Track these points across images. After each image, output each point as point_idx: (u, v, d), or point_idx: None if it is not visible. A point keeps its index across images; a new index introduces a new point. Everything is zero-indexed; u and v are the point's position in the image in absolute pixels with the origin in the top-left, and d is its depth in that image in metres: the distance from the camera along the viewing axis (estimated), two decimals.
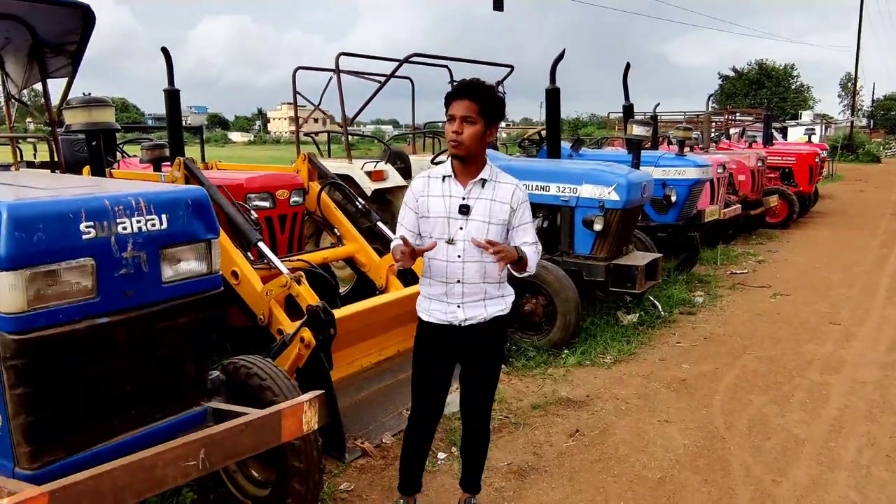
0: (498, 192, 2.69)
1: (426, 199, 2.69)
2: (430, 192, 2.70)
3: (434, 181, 2.71)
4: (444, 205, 2.66)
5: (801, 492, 3.28)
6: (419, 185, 2.74)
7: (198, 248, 2.22)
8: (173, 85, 5.11)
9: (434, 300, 2.76)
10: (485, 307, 2.72)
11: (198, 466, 1.99)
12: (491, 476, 3.46)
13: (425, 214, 2.69)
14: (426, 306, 2.80)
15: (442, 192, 2.68)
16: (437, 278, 2.72)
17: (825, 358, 5.21)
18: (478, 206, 2.65)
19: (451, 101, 2.61)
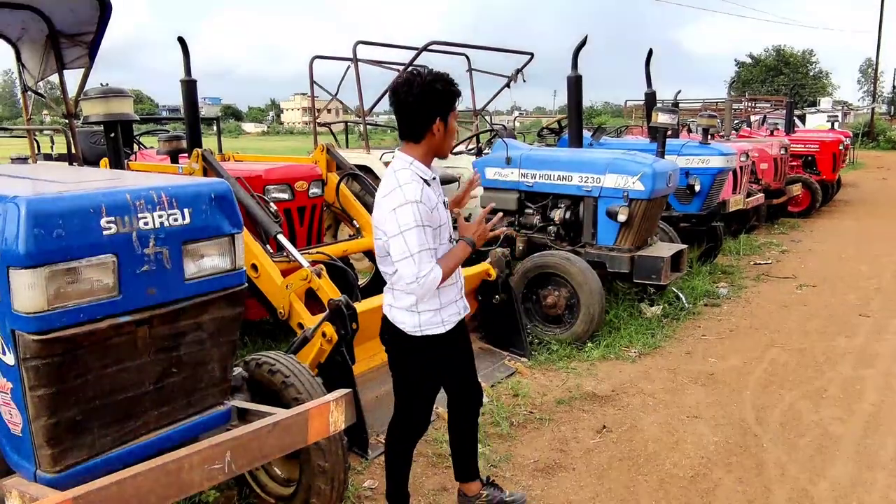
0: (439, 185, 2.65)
1: (436, 208, 2.49)
2: (436, 201, 2.52)
3: (426, 188, 2.47)
4: (445, 209, 2.59)
5: (841, 492, 3.18)
6: (429, 195, 2.46)
7: (221, 242, 2.15)
8: (190, 75, 5.05)
9: (449, 305, 2.65)
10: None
11: (224, 469, 1.93)
12: (517, 474, 3.38)
13: (439, 224, 2.51)
14: (440, 318, 2.60)
15: (437, 197, 2.54)
16: (450, 282, 2.62)
17: (857, 351, 5.07)
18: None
19: (451, 110, 2.48)
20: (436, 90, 2.40)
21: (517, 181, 5.91)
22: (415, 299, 2.52)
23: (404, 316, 2.58)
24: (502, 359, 4.84)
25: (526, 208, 6.00)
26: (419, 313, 2.55)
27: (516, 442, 3.72)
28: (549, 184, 5.75)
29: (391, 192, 2.41)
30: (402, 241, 2.36)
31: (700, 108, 14.98)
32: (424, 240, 2.38)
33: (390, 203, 2.39)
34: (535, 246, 5.79)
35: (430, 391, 2.79)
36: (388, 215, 2.40)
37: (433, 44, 5.86)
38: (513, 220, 6.05)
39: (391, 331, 2.64)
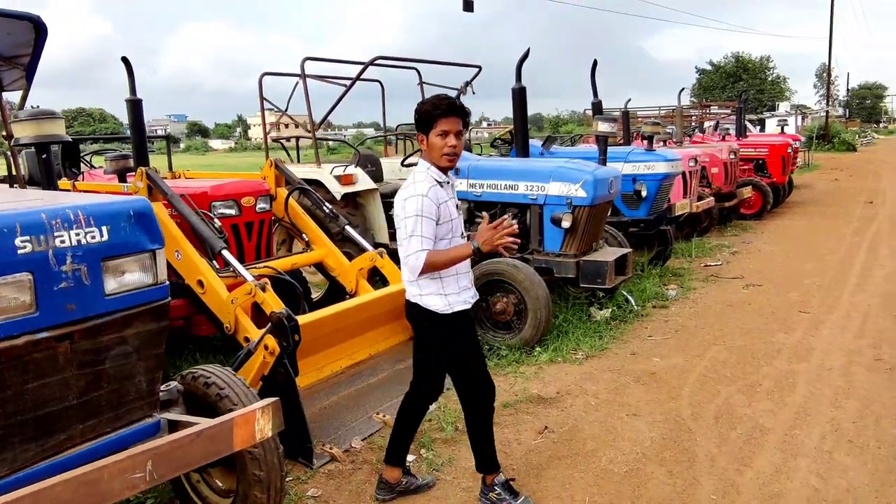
0: (452, 189, 3.08)
1: (445, 204, 2.90)
2: (444, 199, 2.91)
3: (440, 189, 2.89)
4: (454, 207, 3.01)
5: (764, 480, 3.32)
6: (438, 193, 2.87)
7: (142, 259, 2.21)
8: (135, 94, 5.08)
9: (463, 292, 3.04)
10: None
11: (145, 478, 1.98)
12: (459, 476, 3.47)
13: (447, 219, 2.90)
14: (462, 298, 3.01)
15: (448, 196, 2.95)
16: (462, 270, 3.05)
17: (793, 346, 5.27)
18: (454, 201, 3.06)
19: (442, 118, 2.84)
20: (419, 111, 2.90)
21: (466, 191, 6.04)
22: (441, 283, 2.94)
23: (435, 300, 2.94)
24: None
25: (476, 217, 6.12)
26: (447, 295, 2.96)
27: (460, 445, 3.80)
28: (496, 193, 5.89)
29: (407, 187, 2.89)
30: (403, 225, 2.82)
31: (656, 115, 15.35)
32: (420, 228, 2.78)
33: (403, 195, 2.88)
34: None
35: (457, 362, 3.10)
36: (399, 204, 2.87)
37: (379, 58, 5.97)
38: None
39: (423, 314, 2.98)
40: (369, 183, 6.35)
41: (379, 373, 4.67)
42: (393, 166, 7.06)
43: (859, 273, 7.75)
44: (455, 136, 2.87)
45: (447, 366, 3.13)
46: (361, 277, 4.97)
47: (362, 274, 4.96)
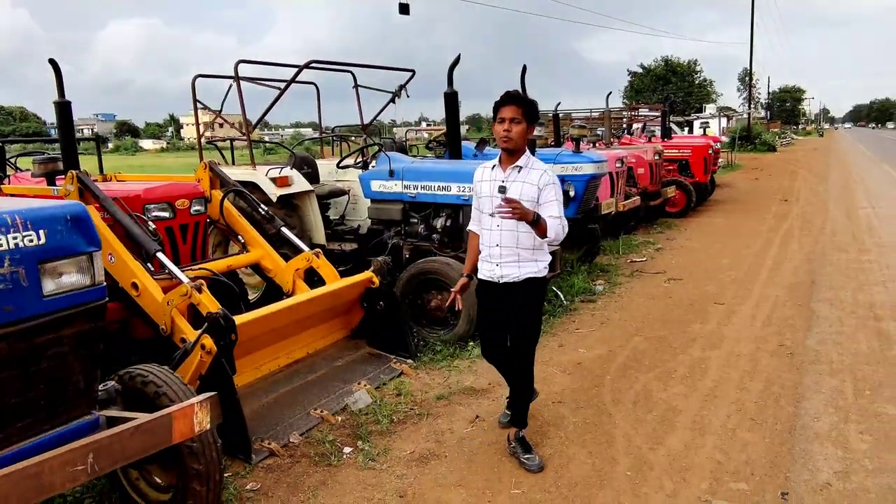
0: (530, 176, 3.39)
1: (479, 183, 3.54)
2: (482, 178, 3.53)
3: (486, 170, 3.53)
4: (489, 187, 3.46)
5: (675, 456, 3.62)
6: (477, 174, 3.59)
7: (79, 261, 2.29)
8: (64, 97, 5.04)
9: (483, 261, 3.55)
10: (518, 268, 3.45)
11: (86, 471, 2.07)
12: (394, 465, 3.63)
13: (478, 195, 3.54)
14: (480, 266, 3.58)
15: (489, 177, 3.48)
16: (485, 243, 3.52)
17: (707, 335, 5.66)
18: (513, 187, 3.38)
19: (500, 107, 3.35)
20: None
21: (401, 192, 6.20)
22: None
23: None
24: (389, 362, 5.08)
25: (410, 218, 6.30)
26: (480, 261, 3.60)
27: (395, 437, 3.98)
28: (430, 194, 6.08)
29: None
30: None
31: (586, 118, 15.86)
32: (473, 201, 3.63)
33: None
34: (421, 253, 6.08)
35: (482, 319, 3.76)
36: None
37: (313, 62, 6.06)
38: (399, 229, 6.33)
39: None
40: (305, 185, 6.44)
41: (317, 370, 4.78)
42: (329, 168, 7.16)
43: (770, 267, 8.30)
44: (510, 122, 3.30)
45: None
46: (298, 278, 5.06)
47: (299, 274, 5.06)
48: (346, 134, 8.67)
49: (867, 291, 6.90)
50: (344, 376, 4.76)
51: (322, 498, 3.33)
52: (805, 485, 3.29)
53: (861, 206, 13.68)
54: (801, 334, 5.59)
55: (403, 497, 3.32)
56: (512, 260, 3.43)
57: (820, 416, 4.03)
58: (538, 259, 3.49)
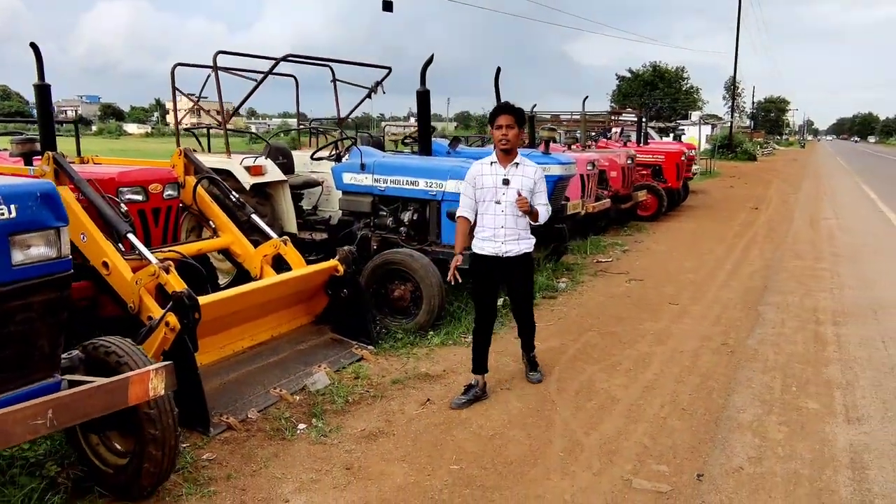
0: (526, 171, 4.35)
1: (480, 177, 4.34)
2: (482, 173, 4.34)
3: (484, 166, 4.37)
4: (492, 180, 4.30)
5: (605, 440, 3.89)
6: (476, 169, 4.39)
7: (47, 234, 2.49)
8: (43, 80, 5.21)
9: (486, 241, 4.36)
10: (518, 244, 4.36)
11: (46, 425, 2.28)
12: (343, 441, 3.86)
13: (481, 187, 4.32)
14: (480, 245, 4.39)
15: (490, 171, 4.33)
16: (489, 226, 4.34)
17: (657, 332, 5.95)
18: (514, 180, 4.29)
19: (496, 117, 4.28)
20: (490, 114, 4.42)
21: (371, 185, 6.43)
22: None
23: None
24: (350, 347, 5.30)
25: (380, 211, 6.53)
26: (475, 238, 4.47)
27: (349, 416, 4.21)
28: (399, 188, 6.31)
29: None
30: None
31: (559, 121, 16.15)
32: (465, 191, 4.43)
33: None
34: (389, 245, 6.31)
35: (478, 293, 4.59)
36: None
37: (290, 56, 6.26)
38: (368, 221, 6.55)
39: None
40: (279, 174, 6.64)
41: (280, 353, 4.99)
42: (304, 159, 7.36)
43: (729, 271, 8.63)
44: (506, 128, 4.20)
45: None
46: (266, 263, 5.26)
47: (266, 260, 5.26)
48: (327, 128, 8.86)
49: (814, 297, 7.23)
50: (305, 359, 4.98)
51: (272, 468, 3.55)
52: (720, 468, 3.57)
53: (825, 217, 14.11)
54: (745, 334, 5.90)
55: (349, 469, 3.55)
56: (513, 238, 4.34)
57: (745, 409, 4.32)
58: (530, 237, 4.46)
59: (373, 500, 3.26)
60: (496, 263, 4.37)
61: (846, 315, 6.55)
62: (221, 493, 3.31)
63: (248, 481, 3.42)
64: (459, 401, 4.36)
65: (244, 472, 3.51)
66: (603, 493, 3.33)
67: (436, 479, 3.46)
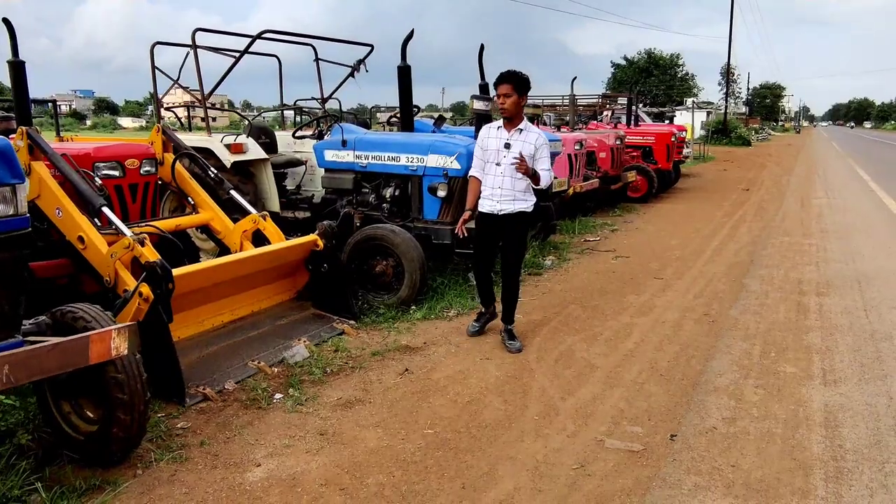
0: (528, 137, 4.62)
1: (486, 139, 4.71)
2: (489, 136, 4.71)
3: (492, 129, 4.72)
4: (496, 143, 4.64)
5: (581, 405, 3.88)
6: (484, 132, 4.77)
7: (3, 191, 2.46)
8: (17, 56, 5.16)
9: (485, 199, 4.72)
10: (513, 204, 4.65)
11: (2, 381, 2.27)
12: (319, 409, 3.86)
13: (485, 148, 4.69)
14: (481, 203, 4.76)
15: (496, 135, 4.67)
16: (488, 186, 4.69)
17: (640, 305, 5.94)
18: (515, 145, 4.59)
19: (496, 85, 4.56)
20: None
21: (352, 162, 6.40)
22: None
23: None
24: (331, 322, 5.29)
25: (362, 187, 6.50)
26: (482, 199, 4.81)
27: (326, 386, 4.20)
28: (380, 164, 6.28)
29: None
30: None
31: (557, 106, 16.11)
32: (475, 152, 4.82)
33: None
34: (372, 222, 6.29)
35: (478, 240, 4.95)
36: None
37: (267, 32, 6.21)
38: (350, 198, 6.53)
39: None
40: (260, 153, 6.60)
41: (260, 327, 4.98)
42: (287, 139, 7.32)
43: (716, 248, 8.63)
44: (504, 97, 4.50)
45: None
46: (245, 239, 5.24)
47: (246, 235, 5.24)
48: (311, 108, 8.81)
49: (799, 270, 7.24)
50: (286, 333, 4.97)
51: (246, 435, 3.54)
52: (693, 428, 3.57)
53: (816, 196, 14.10)
54: (727, 305, 5.90)
55: (324, 435, 3.54)
56: (510, 198, 4.63)
57: (723, 373, 4.33)
58: (527, 199, 4.70)
59: (345, 462, 3.25)
60: (493, 220, 4.72)
61: (830, 286, 6.55)
62: (194, 458, 3.30)
63: (221, 447, 3.41)
64: (473, 327, 5.07)
65: (218, 439, 3.50)
66: (575, 452, 3.33)
67: (409, 442, 3.45)
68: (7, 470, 2.94)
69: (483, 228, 4.84)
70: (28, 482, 2.88)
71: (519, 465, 3.21)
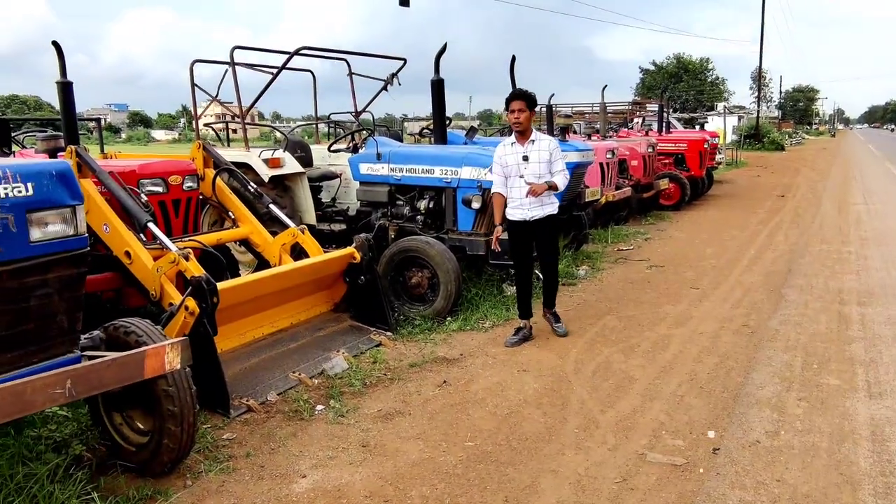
0: (541, 146, 5.03)
1: (503, 156, 5.07)
2: (505, 153, 5.06)
3: (506, 147, 5.09)
4: (514, 158, 5.04)
5: (621, 418, 3.88)
6: (500, 151, 5.12)
7: (63, 213, 2.57)
8: (66, 77, 5.33)
9: (515, 209, 5.09)
10: (542, 209, 5.06)
11: (65, 394, 2.36)
12: (360, 420, 3.91)
13: (505, 164, 5.06)
14: (511, 213, 5.12)
15: (512, 151, 5.06)
16: (515, 197, 5.07)
17: (676, 315, 5.90)
18: (532, 155, 5.01)
19: (510, 102, 4.98)
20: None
21: (387, 175, 6.48)
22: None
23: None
24: (369, 333, 5.35)
25: (396, 200, 6.57)
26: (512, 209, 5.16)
27: (366, 397, 4.26)
28: (414, 177, 6.35)
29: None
30: None
31: (587, 113, 16.06)
32: (494, 169, 5.16)
33: None
34: (406, 234, 6.35)
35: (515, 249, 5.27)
36: None
37: (304, 48, 6.34)
38: (385, 210, 6.61)
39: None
40: (296, 167, 6.72)
41: (299, 339, 5.06)
42: (323, 152, 7.44)
43: (752, 256, 8.52)
44: (518, 112, 4.91)
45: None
46: (284, 252, 5.34)
47: (285, 249, 5.34)
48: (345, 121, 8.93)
49: (839, 279, 7.11)
50: (324, 345, 5.04)
51: (290, 447, 3.61)
52: (736, 441, 3.54)
53: (854, 202, 13.82)
54: (766, 315, 5.82)
55: (366, 447, 3.59)
56: (538, 205, 5.04)
57: (765, 386, 4.28)
58: (552, 202, 5.13)
59: (388, 475, 3.30)
60: (526, 226, 5.10)
61: (872, 296, 6.43)
62: (241, 469, 3.38)
63: (267, 458, 3.48)
64: (511, 340, 5.21)
65: (263, 450, 3.58)
66: (617, 466, 3.32)
67: (450, 455, 3.48)
68: (65, 479, 3.04)
69: (517, 236, 5.16)
70: (84, 491, 2.97)
71: (561, 479, 3.22)
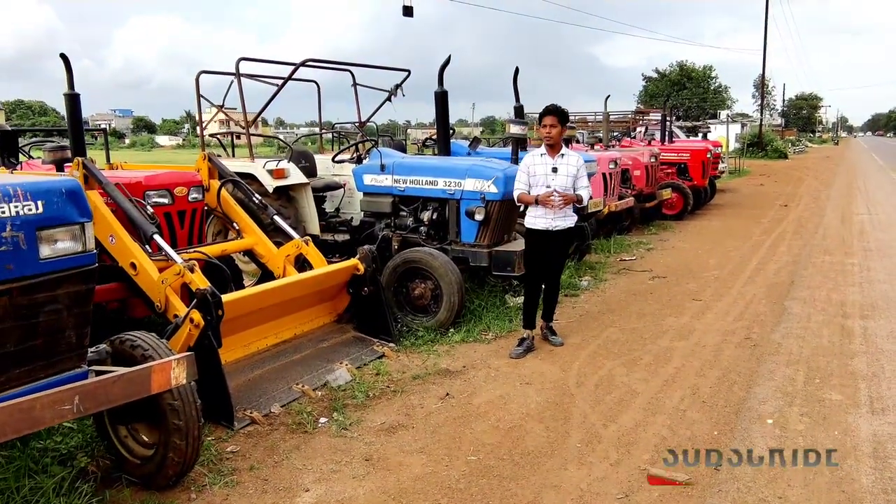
0: (570, 161, 5.22)
1: (534, 166, 5.23)
2: (534, 163, 5.23)
3: (536, 157, 5.26)
4: (542, 168, 5.19)
5: (624, 432, 3.89)
6: (529, 160, 5.28)
7: (72, 230, 2.60)
8: (73, 89, 5.38)
9: (539, 218, 5.22)
10: (564, 220, 5.24)
11: (72, 410, 2.38)
12: (363, 433, 3.93)
13: (533, 174, 5.22)
14: (533, 221, 5.24)
15: (541, 161, 5.22)
16: (541, 207, 5.15)
17: (679, 328, 5.91)
18: (560, 168, 5.18)
19: (543, 117, 5.18)
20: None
21: (391, 186, 6.51)
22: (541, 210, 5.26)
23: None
24: (372, 345, 5.37)
25: (400, 211, 6.60)
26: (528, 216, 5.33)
27: (369, 410, 4.27)
28: (418, 188, 6.38)
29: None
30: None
31: (590, 122, 16.10)
32: (519, 178, 5.31)
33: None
34: (410, 245, 6.38)
35: (531, 258, 5.43)
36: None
37: (309, 61, 6.38)
38: (389, 221, 6.63)
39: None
40: (301, 177, 6.75)
41: (302, 350, 5.08)
42: (327, 162, 7.48)
43: (755, 267, 8.52)
44: (550, 127, 5.11)
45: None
46: (288, 263, 5.37)
47: (289, 260, 5.37)
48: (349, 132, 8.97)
49: (842, 291, 7.12)
50: (328, 356, 5.06)
51: (294, 460, 3.62)
52: (738, 457, 3.54)
53: (857, 212, 13.82)
54: (769, 328, 5.83)
55: (369, 461, 3.61)
56: (562, 216, 5.20)
57: (767, 400, 4.29)
58: (573, 215, 5.33)
59: (391, 489, 3.31)
60: (546, 235, 5.23)
61: (875, 309, 6.43)
62: (244, 482, 3.39)
63: (271, 472, 3.50)
64: (516, 352, 5.26)
65: (267, 463, 3.59)
66: (619, 482, 3.34)
67: (453, 469, 3.50)
68: (70, 492, 3.06)
69: (534, 245, 5.32)
70: None
71: (563, 494, 3.23)
